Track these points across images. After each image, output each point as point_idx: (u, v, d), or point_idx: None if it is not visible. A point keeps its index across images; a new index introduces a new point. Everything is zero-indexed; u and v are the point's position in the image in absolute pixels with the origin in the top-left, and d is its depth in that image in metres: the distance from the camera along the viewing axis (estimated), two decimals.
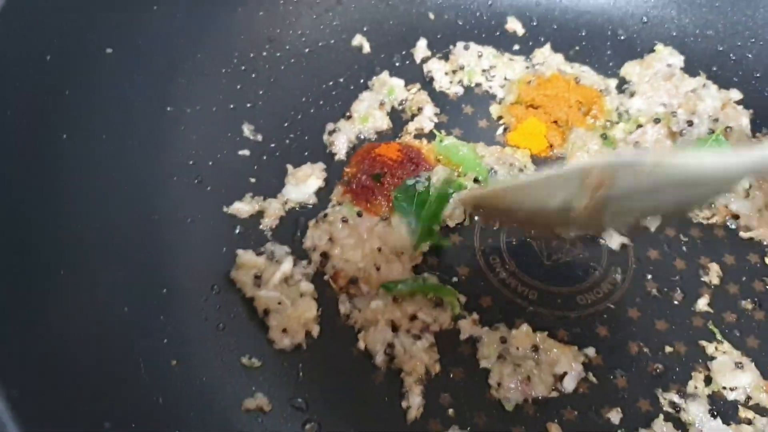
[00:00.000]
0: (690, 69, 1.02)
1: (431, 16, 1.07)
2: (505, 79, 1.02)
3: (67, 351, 0.64)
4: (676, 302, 0.85)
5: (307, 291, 0.82)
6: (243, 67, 0.95)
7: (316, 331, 0.80)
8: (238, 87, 0.94)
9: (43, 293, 0.65)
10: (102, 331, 0.69)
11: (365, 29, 1.04)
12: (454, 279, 0.85)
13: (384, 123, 0.98)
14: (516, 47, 1.07)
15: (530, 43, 1.07)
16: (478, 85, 1.02)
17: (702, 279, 0.87)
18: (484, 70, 1.03)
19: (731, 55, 1.04)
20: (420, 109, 0.99)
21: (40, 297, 0.65)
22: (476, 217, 0.89)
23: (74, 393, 0.61)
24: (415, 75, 1.03)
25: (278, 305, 0.80)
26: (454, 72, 1.03)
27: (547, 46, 1.05)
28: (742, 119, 0.97)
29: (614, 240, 0.88)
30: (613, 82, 1.02)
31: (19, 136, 0.68)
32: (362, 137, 0.97)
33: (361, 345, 0.79)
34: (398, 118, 0.99)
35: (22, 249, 0.66)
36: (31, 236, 0.67)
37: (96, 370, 0.66)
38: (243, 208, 0.88)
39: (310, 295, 0.82)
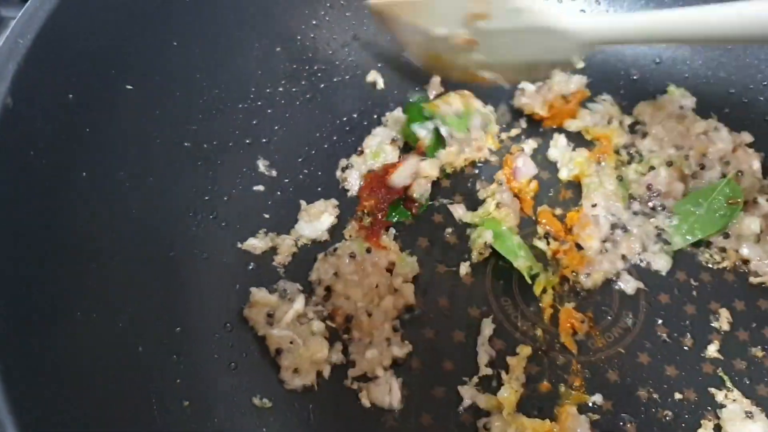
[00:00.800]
0: (702, 110, 1.03)
1: None
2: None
3: (81, 391, 0.65)
4: (686, 348, 0.85)
5: (318, 330, 0.82)
6: (259, 103, 0.96)
7: (327, 371, 0.81)
8: (254, 122, 0.95)
9: (58, 334, 0.66)
10: (116, 371, 0.70)
11: (380, 65, 1.04)
12: (465, 321, 0.86)
13: (395, 158, 0.98)
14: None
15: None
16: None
17: (712, 324, 0.87)
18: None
19: (743, 97, 1.04)
20: None
21: (56, 338, 0.65)
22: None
23: None
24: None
25: (290, 344, 0.81)
26: None
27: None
28: (754, 162, 0.97)
29: (630, 285, 0.89)
30: (627, 119, 1.03)
31: (40, 177, 0.69)
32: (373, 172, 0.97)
33: (366, 403, 0.79)
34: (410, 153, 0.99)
35: (38, 287, 0.66)
36: (48, 274, 0.68)
37: (110, 411, 0.67)
38: (257, 244, 0.88)
39: (321, 334, 0.82)
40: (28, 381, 0.59)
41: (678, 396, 0.82)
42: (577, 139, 1.02)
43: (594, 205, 0.93)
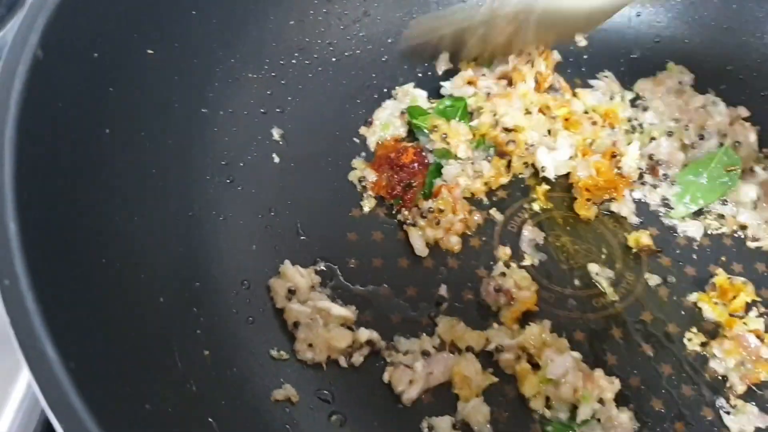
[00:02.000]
0: (699, 86, 1.07)
1: None
2: None
3: (110, 338, 0.67)
4: (687, 306, 0.89)
5: (341, 316, 0.83)
6: (273, 74, 0.98)
7: (343, 362, 0.81)
8: (269, 93, 0.98)
9: (86, 277, 0.67)
10: (140, 319, 0.72)
11: (390, 41, 1.07)
12: (470, 284, 0.89)
13: (402, 131, 1.01)
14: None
15: None
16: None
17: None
18: None
19: (739, 74, 1.08)
20: None
21: (82, 281, 0.67)
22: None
23: (121, 376, 0.63)
24: (437, 87, 1.06)
25: (309, 320, 0.81)
26: None
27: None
28: (750, 135, 1.01)
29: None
30: (628, 95, 1.06)
31: (67, 127, 0.70)
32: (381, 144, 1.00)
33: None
34: None
35: (65, 237, 0.68)
36: (74, 225, 0.70)
37: (136, 357, 0.68)
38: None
39: (345, 322, 0.83)
40: (66, 322, 0.60)
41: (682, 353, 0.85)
42: None
43: None
